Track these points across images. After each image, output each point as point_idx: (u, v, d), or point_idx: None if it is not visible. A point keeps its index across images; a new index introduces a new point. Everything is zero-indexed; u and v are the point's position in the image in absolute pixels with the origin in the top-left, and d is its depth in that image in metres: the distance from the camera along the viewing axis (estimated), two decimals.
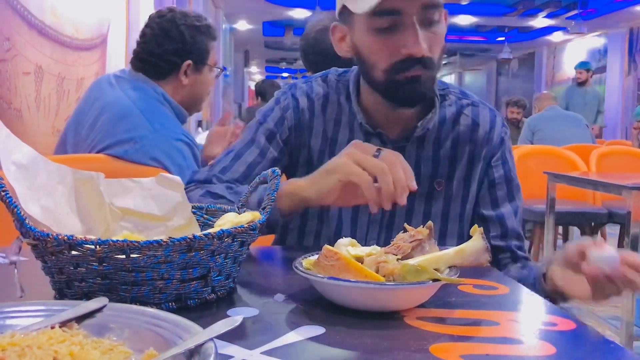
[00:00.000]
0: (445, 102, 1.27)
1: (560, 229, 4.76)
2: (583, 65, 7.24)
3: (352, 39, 1.18)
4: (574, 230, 5.10)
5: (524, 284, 0.96)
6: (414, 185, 0.98)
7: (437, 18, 1.11)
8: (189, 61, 1.83)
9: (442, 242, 1.22)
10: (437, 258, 0.81)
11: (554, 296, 1.06)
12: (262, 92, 5.30)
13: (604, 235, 4.46)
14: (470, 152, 1.26)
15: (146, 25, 1.85)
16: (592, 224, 4.20)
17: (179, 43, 1.81)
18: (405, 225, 0.88)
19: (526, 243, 1.35)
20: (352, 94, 1.25)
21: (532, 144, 5.17)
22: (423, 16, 1.09)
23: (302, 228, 1.28)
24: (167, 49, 1.81)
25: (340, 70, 1.33)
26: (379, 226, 1.24)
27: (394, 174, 0.96)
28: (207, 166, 1.32)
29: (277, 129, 1.27)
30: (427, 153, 1.24)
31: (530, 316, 0.81)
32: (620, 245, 4.03)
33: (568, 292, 1.03)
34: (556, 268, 1.05)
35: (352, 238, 0.89)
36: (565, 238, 4.77)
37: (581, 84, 7.13)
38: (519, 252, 1.26)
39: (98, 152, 1.70)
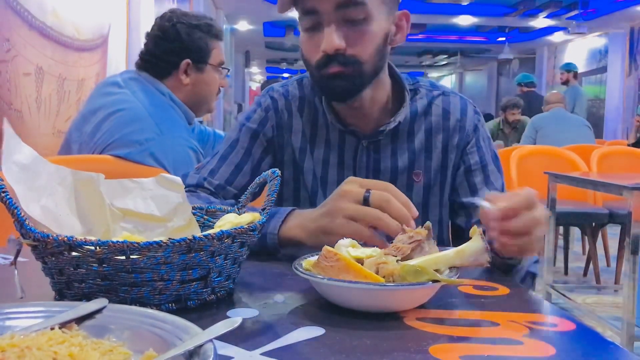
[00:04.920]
0: (417, 95, 1.31)
1: (561, 229, 4.76)
2: (564, 67, 7.40)
3: None
4: (575, 231, 5.10)
5: None
6: (415, 212, 0.97)
7: (360, 16, 1.13)
8: (188, 60, 1.84)
9: None
10: (437, 259, 0.81)
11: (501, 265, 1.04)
12: None
13: (604, 236, 4.46)
14: (444, 140, 1.29)
15: (150, 28, 1.88)
16: (593, 224, 4.20)
17: (175, 42, 1.83)
18: (404, 226, 0.88)
19: None
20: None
21: (535, 142, 5.19)
22: (340, 15, 1.12)
23: None
24: (164, 49, 1.83)
25: None
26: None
27: (392, 211, 0.96)
28: (195, 168, 1.36)
29: (261, 128, 1.32)
30: (401, 145, 1.28)
31: (530, 317, 0.81)
32: (621, 245, 4.03)
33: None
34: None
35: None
36: (566, 238, 4.77)
37: (564, 84, 7.25)
38: None
39: (102, 152, 1.70)
